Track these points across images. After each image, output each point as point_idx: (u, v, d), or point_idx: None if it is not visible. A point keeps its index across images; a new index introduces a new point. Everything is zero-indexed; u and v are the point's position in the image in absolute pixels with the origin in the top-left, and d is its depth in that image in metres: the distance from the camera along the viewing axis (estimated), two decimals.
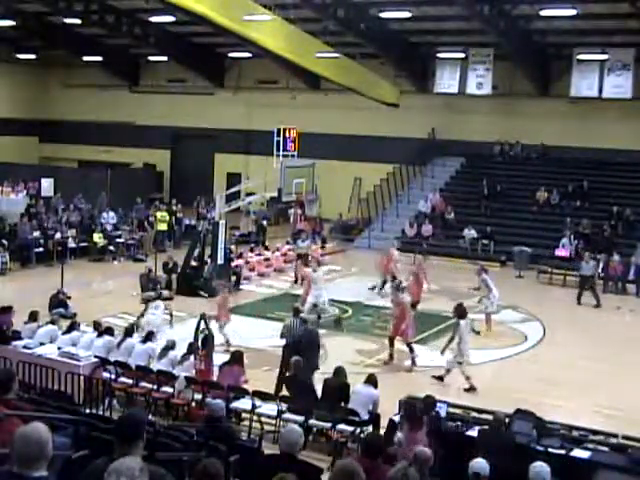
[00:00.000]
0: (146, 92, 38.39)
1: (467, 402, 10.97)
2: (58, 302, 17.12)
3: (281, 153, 21.93)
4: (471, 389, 13.16)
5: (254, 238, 27.86)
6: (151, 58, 36.94)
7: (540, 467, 6.55)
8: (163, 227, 27.12)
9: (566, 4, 23.18)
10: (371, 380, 10.71)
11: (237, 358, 11.70)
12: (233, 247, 24.10)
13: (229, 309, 16.11)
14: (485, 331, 16.96)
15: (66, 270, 19.63)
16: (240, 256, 23.13)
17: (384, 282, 20.27)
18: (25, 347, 12.25)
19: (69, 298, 17.79)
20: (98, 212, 28.01)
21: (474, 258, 26.11)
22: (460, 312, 13.66)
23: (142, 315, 16.30)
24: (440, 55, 30.34)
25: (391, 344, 14.99)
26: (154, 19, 29.26)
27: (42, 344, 12.44)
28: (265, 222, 29.19)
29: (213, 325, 14.10)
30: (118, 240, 25.57)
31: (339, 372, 11.11)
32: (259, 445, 8.76)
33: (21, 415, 5.37)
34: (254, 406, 10.79)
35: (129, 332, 13.02)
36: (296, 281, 21.35)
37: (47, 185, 31.46)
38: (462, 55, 29.59)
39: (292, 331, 12.97)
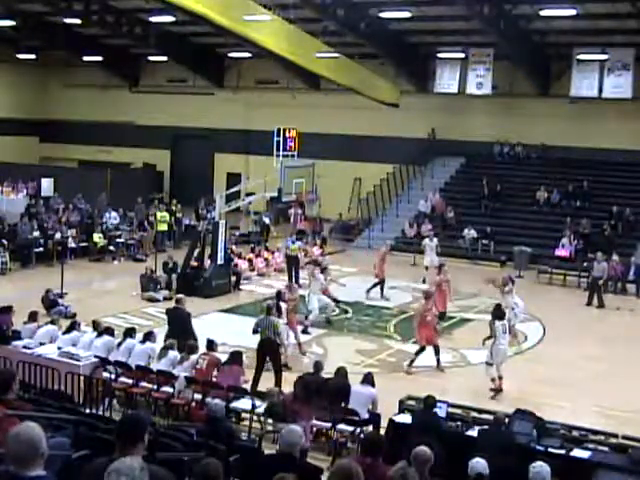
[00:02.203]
0: (146, 92, 38.37)
1: (467, 402, 10.96)
2: (50, 302, 17.11)
3: (281, 153, 21.88)
4: (496, 390, 13.04)
5: (254, 238, 27.85)
6: (151, 58, 36.91)
7: (540, 467, 6.55)
8: (163, 227, 27.10)
9: (566, 4, 23.18)
10: (368, 379, 10.72)
11: (237, 358, 11.69)
12: (234, 247, 24.09)
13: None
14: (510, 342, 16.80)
15: (66, 270, 19.63)
16: (240, 256, 23.10)
17: (378, 284, 20.36)
18: (25, 347, 12.24)
19: (60, 297, 17.78)
20: (98, 212, 27.99)
21: (474, 258, 26.18)
22: (498, 313, 13.62)
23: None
24: (440, 55, 30.34)
25: (422, 350, 14.58)
26: (154, 19, 29.24)
27: (42, 344, 12.43)
28: (268, 221, 29.14)
29: None
30: (118, 240, 25.56)
31: (340, 372, 11.12)
32: (259, 445, 8.76)
33: (21, 415, 5.36)
34: (254, 406, 10.79)
35: (129, 332, 13.01)
36: (290, 279, 21.06)
37: (47, 185, 31.44)
38: (462, 55, 29.57)
39: (262, 327, 13.08)
